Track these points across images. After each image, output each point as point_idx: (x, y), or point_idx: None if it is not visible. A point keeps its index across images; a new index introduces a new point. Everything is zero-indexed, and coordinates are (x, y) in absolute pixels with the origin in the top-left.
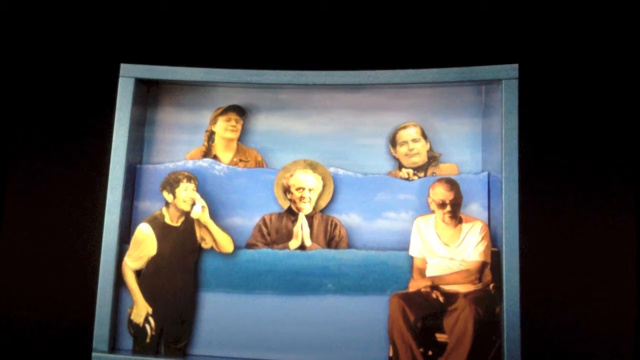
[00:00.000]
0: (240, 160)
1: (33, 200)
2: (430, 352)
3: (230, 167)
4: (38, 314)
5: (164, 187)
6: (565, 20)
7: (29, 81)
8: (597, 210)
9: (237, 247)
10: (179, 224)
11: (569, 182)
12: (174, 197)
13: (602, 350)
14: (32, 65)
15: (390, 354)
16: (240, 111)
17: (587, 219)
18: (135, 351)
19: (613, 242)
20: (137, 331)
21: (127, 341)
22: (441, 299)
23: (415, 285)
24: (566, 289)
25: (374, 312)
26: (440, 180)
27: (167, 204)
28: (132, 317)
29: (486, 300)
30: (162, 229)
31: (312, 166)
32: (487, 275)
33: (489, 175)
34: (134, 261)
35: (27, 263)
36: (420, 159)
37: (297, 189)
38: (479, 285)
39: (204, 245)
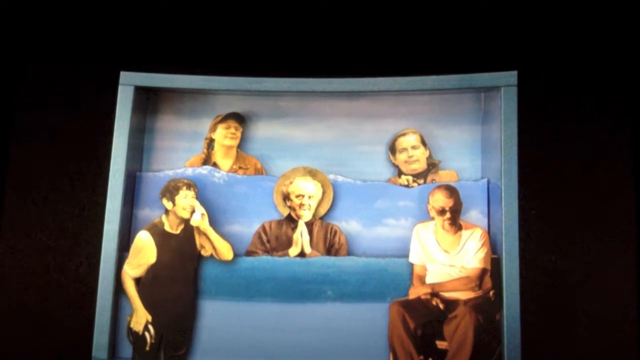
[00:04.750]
0: (240, 168)
1: (32, 207)
2: None
3: (230, 174)
4: (37, 322)
5: (163, 195)
6: (564, 27)
7: (29, 88)
8: (597, 216)
9: (236, 255)
10: (178, 231)
11: (568, 189)
12: (174, 204)
13: (603, 357)
14: (31, 72)
15: None
16: (239, 118)
17: (586, 225)
18: (134, 359)
19: (613, 248)
20: (137, 339)
21: (126, 349)
22: (441, 306)
23: (415, 292)
24: (566, 295)
25: (373, 319)
26: (439, 187)
27: (166, 212)
28: (132, 325)
29: (486, 307)
30: (161, 237)
31: (312, 173)
32: (487, 282)
33: (488, 182)
34: (133, 269)
35: (26, 270)
36: (420, 166)
37: (297, 196)
38: (479, 292)
39: (203, 252)
